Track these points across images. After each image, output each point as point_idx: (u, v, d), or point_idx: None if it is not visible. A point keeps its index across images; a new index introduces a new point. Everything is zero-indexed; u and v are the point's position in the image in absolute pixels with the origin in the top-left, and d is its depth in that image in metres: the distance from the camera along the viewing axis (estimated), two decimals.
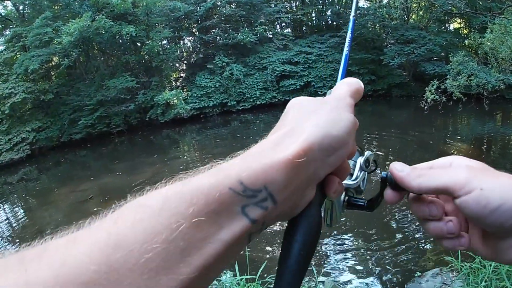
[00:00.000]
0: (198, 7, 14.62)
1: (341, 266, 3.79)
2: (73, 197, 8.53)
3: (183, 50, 15.88)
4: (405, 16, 17.35)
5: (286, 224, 0.31)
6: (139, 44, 14.71)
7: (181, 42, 16.09)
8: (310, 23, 16.69)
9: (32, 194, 10.68)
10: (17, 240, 6.62)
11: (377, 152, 8.09)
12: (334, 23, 16.74)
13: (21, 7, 18.52)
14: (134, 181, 8.49)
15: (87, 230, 0.23)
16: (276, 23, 16.33)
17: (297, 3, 16.71)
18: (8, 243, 6.61)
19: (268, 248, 4.19)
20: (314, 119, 0.29)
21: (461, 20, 17.89)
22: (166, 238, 0.20)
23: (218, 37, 14.74)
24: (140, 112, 14.16)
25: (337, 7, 16.97)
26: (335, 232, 4.35)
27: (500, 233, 0.29)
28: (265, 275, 3.00)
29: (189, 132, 13.95)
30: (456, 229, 0.33)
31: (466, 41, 16.77)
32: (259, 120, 13.96)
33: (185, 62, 15.83)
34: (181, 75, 15.84)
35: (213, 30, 14.79)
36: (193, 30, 15.53)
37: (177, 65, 15.78)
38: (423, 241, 4.01)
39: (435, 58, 15.54)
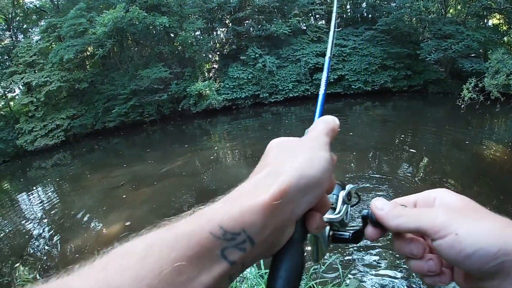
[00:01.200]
0: None
1: (367, 268, 3.62)
2: (105, 183, 8.70)
3: (216, 41, 15.83)
4: (442, 10, 16.62)
5: None
6: (172, 35, 14.78)
7: (214, 33, 16.04)
8: (345, 15, 16.26)
9: (66, 179, 10.94)
10: (50, 222, 6.79)
11: (410, 150, 7.77)
12: (370, 15, 16.24)
13: None
14: (168, 169, 8.59)
15: (77, 277, 0.23)
16: (310, 14, 15.99)
17: None
18: (41, 225, 6.78)
19: None
20: (291, 161, 0.30)
21: (500, 16, 16.97)
22: (151, 283, 0.22)
23: (251, 29, 14.58)
24: (172, 102, 14.26)
25: None
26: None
27: (480, 275, 0.29)
28: None
29: (220, 123, 13.92)
30: (436, 268, 0.33)
31: (505, 38, 15.96)
32: (291, 112, 13.77)
33: (218, 53, 15.79)
34: (214, 66, 15.82)
35: (246, 22, 14.64)
36: (226, 21, 15.44)
37: (210, 56, 15.76)
38: None
39: (473, 55, 14.86)
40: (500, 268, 0.27)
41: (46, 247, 5.69)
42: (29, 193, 10.04)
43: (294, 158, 0.30)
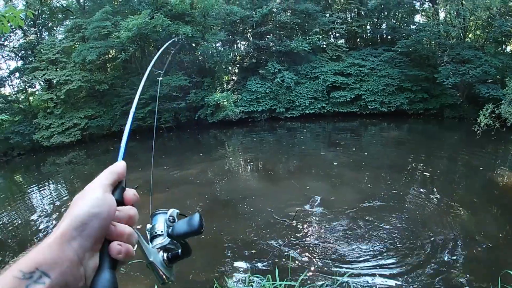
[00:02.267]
0: (254, 13, 14.74)
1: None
2: None
3: (237, 53, 16.08)
4: (461, 35, 16.69)
5: None
6: (193, 45, 15.05)
7: (235, 45, 16.30)
8: (364, 35, 16.41)
9: (79, 177, 11.09)
10: (59, 218, 6.74)
11: (424, 173, 7.82)
12: (389, 37, 16.35)
13: (82, 0, 19.55)
14: (181, 176, 8.70)
15: None
16: (330, 33, 16.18)
17: (353, 14, 16.48)
18: (50, 220, 6.86)
19: (311, 259, 4.12)
20: (72, 205, 0.39)
21: None
22: None
23: (271, 43, 14.80)
24: (190, 110, 14.49)
25: (392, 21, 16.56)
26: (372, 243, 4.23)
27: None
28: (308, 282, 3.00)
29: (235, 135, 14.09)
30: None
31: None
32: (306, 129, 13.87)
33: (238, 65, 16.02)
34: (233, 78, 16.06)
35: (268, 36, 14.87)
36: (248, 35, 15.70)
37: (230, 68, 16.00)
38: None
39: (490, 81, 14.87)
40: None
41: None
42: (41, 188, 10.23)
43: (74, 203, 0.40)
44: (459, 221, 4.76)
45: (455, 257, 3.92)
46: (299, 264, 3.97)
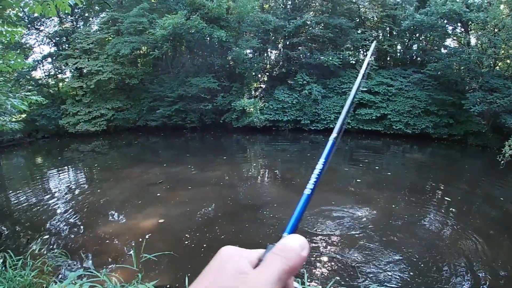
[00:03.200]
0: (288, 23, 14.93)
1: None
2: (144, 177, 8.93)
3: (267, 62, 16.30)
4: (491, 63, 16.57)
5: None
6: (225, 49, 15.33)
7: (266, 54, 16.53)
8: (394, 55, 16.44)
9: (101, 167, 11.32)
10: (76, 205, 6.99)
11: (444, 197, 7.83)
12: (419, 58, 16.34)
13: None
14: (204, 177, 8.81)
15: None
16: (360, 49, 16.27)
17: (385, 33, 16.52)
18: (67, 206, 6.96)
19: (328, 272, 4.20)
20: (216, 271, 0.29)
21: None
22: None
23: (302, 55, 14.95)
24: (216, 113, 14.73)
25: (424, 43, 16.55)
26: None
27: None
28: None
29: (259, 142, 14.24)
30: None
31: None
32: None
33: (267, 74, 16.23)
34: (261, 85, 16.26)
35: (299, 48, 15.03)
36: (279, 45, 15.90)
37: (259, 75, 16.23)
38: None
39: None
40: None
41: (71, 227, 5.78)
42: (60, 172, 10.52)
43: (223, 277, 0.29)
44: (474, 249, 4.81)
45: (467, 284, 3.98)
46: (314, 276, 4.07)
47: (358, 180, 8.73)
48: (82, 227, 5.83)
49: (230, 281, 0.29)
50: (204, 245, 4.85)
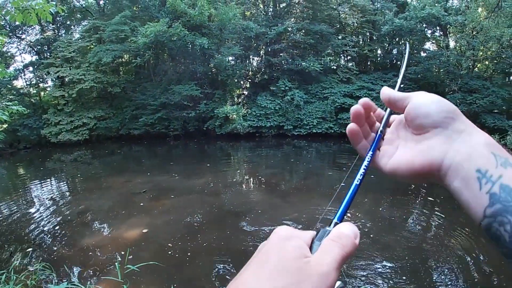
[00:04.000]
0: (270, 30, 15.08)
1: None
2: (127, 187, 8.78)
3: (249, 68, 16.39)
4: (470, 65, 17.03)
5: None
6: (207, 56, 15.35)
7: (248, 61, 16.62)
8: (375, 60, 16.74)
9: (84, 177, 11.10)
10: (59, 216, 6.80)
11: (427, 198, 7.96)
12: (399, 62, 16.67)
13: (101, 2, 19.98)
14: (188, 185, 8.68)
15: None
16: (341, 55, 16.51)
17: (365, 38, 16.81)
18: (50, 218, 6.78)
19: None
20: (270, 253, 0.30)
21: None
22: None
23: (284, 62, 15.09)
24: (199, 120, 14.69)
25: (403, 46, 16.89)
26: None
27: (429, 125, 0.38)
28: None
29: (242, 148, 14.24)
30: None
31: None
32: (312, 148, 14.04)
33: (249, 80, 16.31)
34: (244, 92, 16.33)
35: (281, 54, 15.18)
36: (261, 52, 16.01)
37: (242, 82, 16.30)
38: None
39: (496, 111, 15.18)
40: (442, 121, 0.37)
41: (54, 240, 5.66)
42: (43, 182, 10.27)
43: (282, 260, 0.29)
44: (461, 248, 4.88)
45: (456, 282, 4.01)
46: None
47: (342, 184, 8.71)
48: (66, 239, 5.70)
49: (294, 262, 0.29)
50: (188, 254, 4.80)
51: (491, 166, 0.33)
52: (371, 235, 5.32)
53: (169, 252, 4.87)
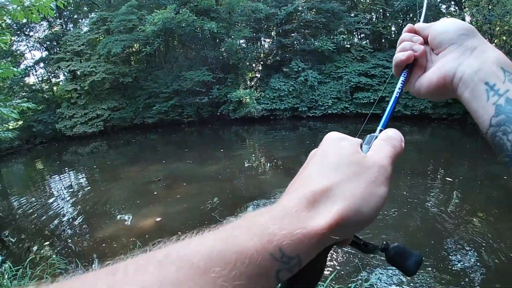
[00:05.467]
0: (279, 10, 14.74)
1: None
2: (143, 175, 8.81)
3: (261, 51, 16.14)
4: (488, 40, 16.35)
5: None
6: (217, 41, 15.15)
7: (259, 43, 16.35)
8: (389, 37, 16.23)
9: (101, 167, 11.23)
10: (79, 207, 6.94)
11: (446, 178, 7.73)
12: None
13: None
14: (203, 171, 8.70)
15: (134, 268, 0.23)
16: (355, 33, 16.08)
17: (378, 15, 16.31)
18: (70, 209, 6.92)
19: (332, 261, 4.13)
20: (352, 187, 0.29)
21: None
22: None
23: (296, 42, 14.78)
24: (212, 106, 14.61)
25: (418, 22, 16.38)
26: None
27: (447, 41, 0.43)
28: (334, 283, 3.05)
29: (257, 132, 14.14)
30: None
31: None
32: (328, 129, 13.83)
33: (262, 63, 16.08)
34: (256, 75, 16.12)
35: (292, 35, 14.86)
36: (272, 33, 15.71)
37: (254, 65, 16.07)
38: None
39: None
40: (458, 38, 0.41)
41: (71, 231, 5.74)
42: (61, 176, 10.43)
43: (355, 185, 0.29)
44: (479, 230, 4.73)
45: (472, 265, 3.90)
46: None
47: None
48: (81, 231, 5.76)
49: (353, 156, 0.31)
50: None
51: (499, 80, 0.36)
52: (388, 215, 5.17)
53: None
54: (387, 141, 0.34)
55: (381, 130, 0.38)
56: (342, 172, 0.30)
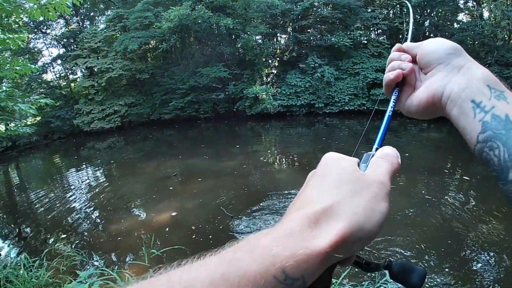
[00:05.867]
0: (295, 6, 14.70)
1: None
2: (158, 171, 8.90)
3: (277, 47, 16.12)
4: (506, 36, 16.04)
5: None
6: (233, 37, 15.20)
7: (275, 39, 16.35)
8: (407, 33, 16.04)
9: (118, 163, 11.41)
10: (96, 201, 7.05)
11: (464, 177, 7.62)
12: (431, 35, 15.89)
13: None
14: (219, 167, 8.77)
15: None
16: (371, 28, 15.93)
17: (395, 10, 16.11)
18: (87, 203, 7.02)
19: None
20: (353, 204, 0.29)
21: None
22: None
23: (312, 38, 14.72)
24: (228, 102, 14.71)
25: (435, 18, 16.13)
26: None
27: (436, 61, 0.44)
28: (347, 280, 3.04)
29: (273, 128, 14.19)
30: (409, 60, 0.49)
31: None
32: (345, 126, 13.79)
33: (278, 59, 16.08)
34: (273, 71, 16.14)
35: (308, 30, 14.80)
36: (288, 29, 15.69)
37: (270, 61, 16.10)
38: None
39: None
40: (445, 57, 0.43)
41: (87, 225, 5.83)
42: (79, 171, 10.62)
43: (357, 202, 0.30)
44: (497, 230, 4.65)
45: (490, 266, 3.87)
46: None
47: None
48: (97, 225, 5.87)
49: (352, 174, 0.32)
50: (210, 237, 4.75)
51: (485, 97, 0.38)
52: (405, 214, 5.15)
53: (197, 235, 4.84)
54: (384, 158, 0.35)
55: (377, 149, 0.39)
56: (343, 190, 0.31)
